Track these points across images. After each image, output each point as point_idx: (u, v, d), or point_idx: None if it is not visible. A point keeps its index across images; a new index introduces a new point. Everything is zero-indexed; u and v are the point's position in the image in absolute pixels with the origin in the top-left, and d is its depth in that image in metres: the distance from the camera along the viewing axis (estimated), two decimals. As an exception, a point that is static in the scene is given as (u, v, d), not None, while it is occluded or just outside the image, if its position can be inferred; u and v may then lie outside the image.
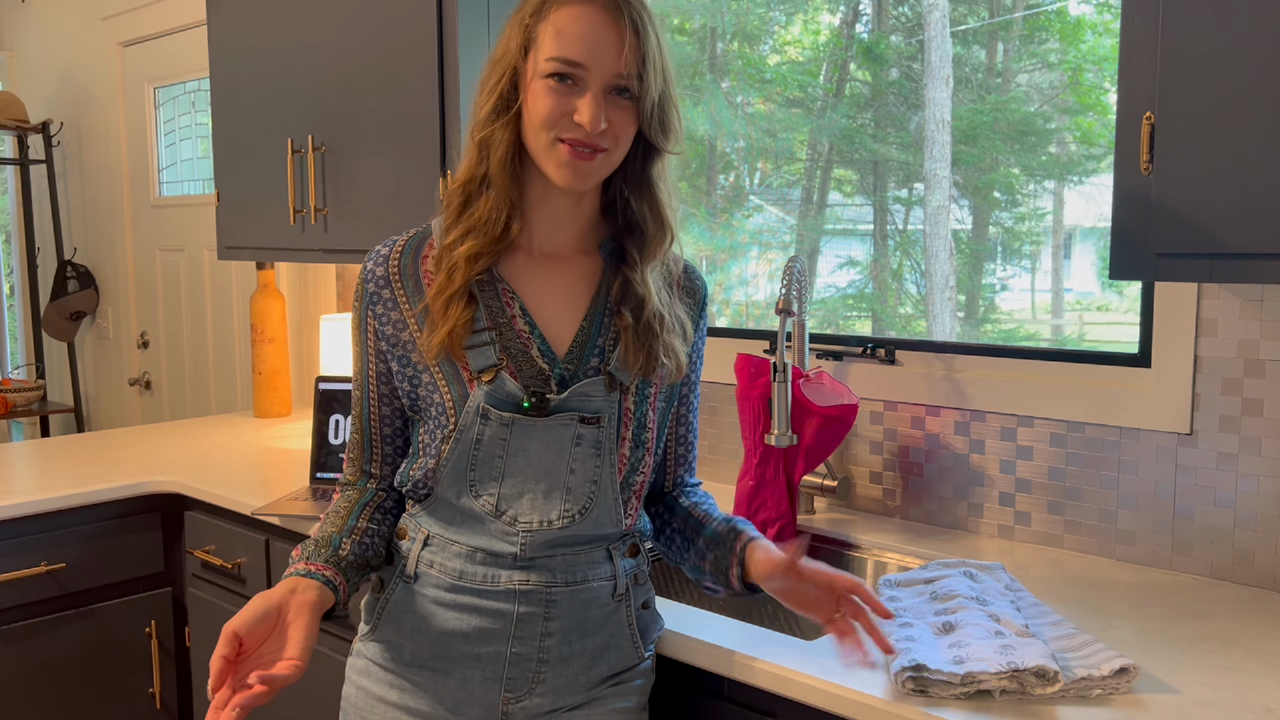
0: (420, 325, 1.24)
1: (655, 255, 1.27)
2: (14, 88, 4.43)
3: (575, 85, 1.16)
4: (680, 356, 1.28)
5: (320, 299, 3.11)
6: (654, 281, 1.27)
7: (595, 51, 1.15)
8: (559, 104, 1.16)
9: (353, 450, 1.34)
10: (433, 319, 1.22)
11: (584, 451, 1.23)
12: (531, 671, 1.24)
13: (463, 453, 1.22)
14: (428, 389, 1.24)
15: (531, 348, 1.23)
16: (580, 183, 1.19)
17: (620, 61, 1.15)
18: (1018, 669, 1.13)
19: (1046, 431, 1.71)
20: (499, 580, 1.23)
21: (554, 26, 1.16)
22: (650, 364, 1.25)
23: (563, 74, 1.16)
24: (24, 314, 4.59)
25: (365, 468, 1.33)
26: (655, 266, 1.28)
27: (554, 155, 1.18)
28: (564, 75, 1.16)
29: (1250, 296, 1.50)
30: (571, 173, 1.18)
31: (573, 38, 1.15)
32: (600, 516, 1.25)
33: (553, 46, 1.16)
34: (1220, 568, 1.55)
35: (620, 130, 1.18)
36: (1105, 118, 1.83)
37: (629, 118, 1.19)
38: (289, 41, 2.42)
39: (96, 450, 2.50)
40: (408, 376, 1.26)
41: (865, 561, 1.77)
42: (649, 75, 1.17)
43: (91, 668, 2.16)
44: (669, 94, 1.21)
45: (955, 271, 2.03)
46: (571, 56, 1.15)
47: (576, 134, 1.16)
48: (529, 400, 1.21)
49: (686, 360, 1.31)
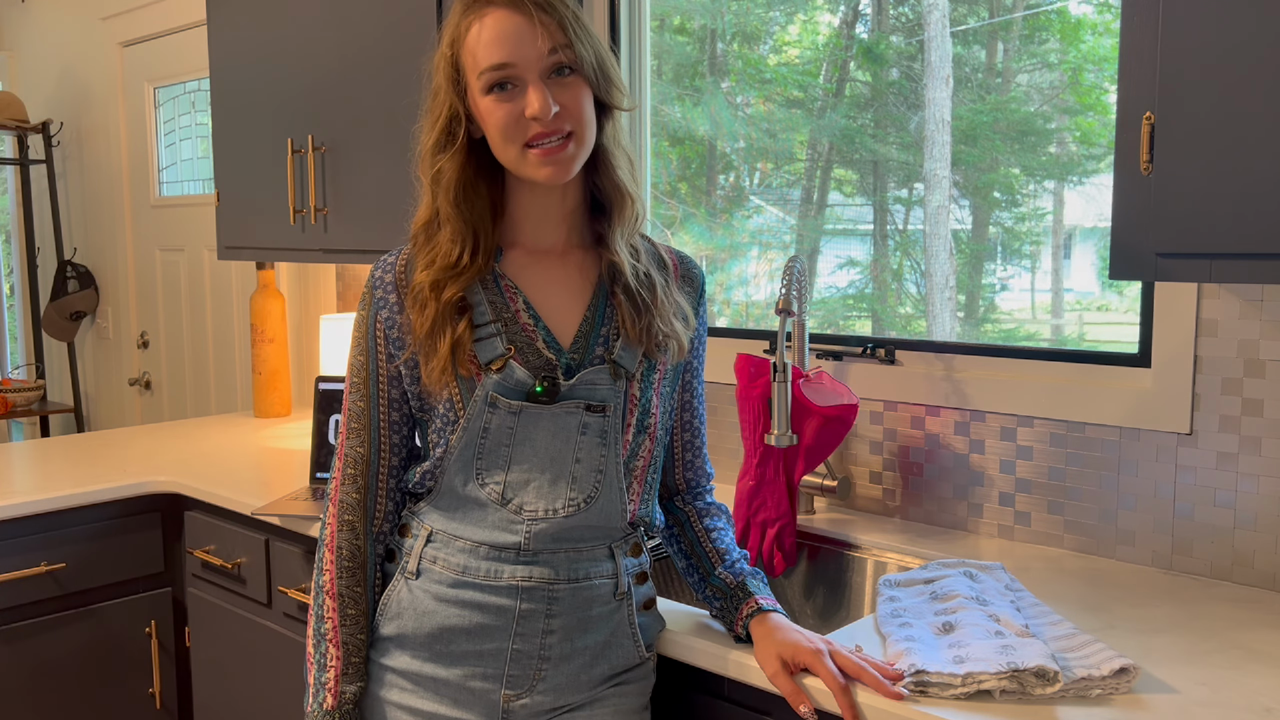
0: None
1: (619, 225, 1.28)
2: (14, 88, 4.43)
3: (516, 87, 1.19)
4: (681, 336, 1.30)
5: (320, 299, 3.11)
6: (629, 252, 1.28)
7: (515, 46, 1.17)
8: (509, 111, 1.18)
9: (354, 464, 1.28)
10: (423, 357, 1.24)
11: (590, 440, 1.24)
12: (533, 669, 1.24)
13: (470, 441, 1.23)
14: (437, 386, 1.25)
15: (537, 339, 1.24)
16: (562, 174, 1.21)
17: (543, 42, 1.17)
18: (1018, 669, 1.13)
19: (1046, 431, 1.71)
20: (502, 575, 1.23)
21: (473, 45, 1.20)
22: (651, 338, 1.26)
23: (499, 82, 1.18)
24: (24, 314, 4.59)
25: (371, 483, 1.29)
26: (624, 238, 1.29)
27: (528, 163, 1.20)
28: (501, 83, 1.18)
29: (1250, 296, 1.50)
30: (551, 169, 1.20)
31: (491, 44, 1.18)
32: (605, 505, 1.25)
33: (477, 62, 1.19)
34: (1220, 568, 1.55)
35: (575, 107, 1.20)
36: (1105, 118, 1.83)
37: (578, 91, 1.20)
38: (289, 41, 2.42)
39: (96, 450, 2.50)
40: (417, 378, 1.26)
41: (865, 561, 1.77)
42: (576, 42, 1.19)
43: (91, 668, 2.16)
44: (602, 51, 1.23)
45: (955, 271, 2.02)
46: (497, 60, 1.18)
47: (535, 129, 1.18)
48: (541, 385, 1.22)
49: (688, 342, 1.32)
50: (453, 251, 1.23)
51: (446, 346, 1.21)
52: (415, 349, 1.25)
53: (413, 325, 1.24)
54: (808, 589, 1.85)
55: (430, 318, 1.22)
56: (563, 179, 1.22)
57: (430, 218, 1.26)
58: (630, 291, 1.27)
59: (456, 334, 1.21)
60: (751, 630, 1.27)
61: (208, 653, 2.19)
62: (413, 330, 1.24)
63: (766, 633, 1.25)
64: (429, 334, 1.22)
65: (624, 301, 1.26)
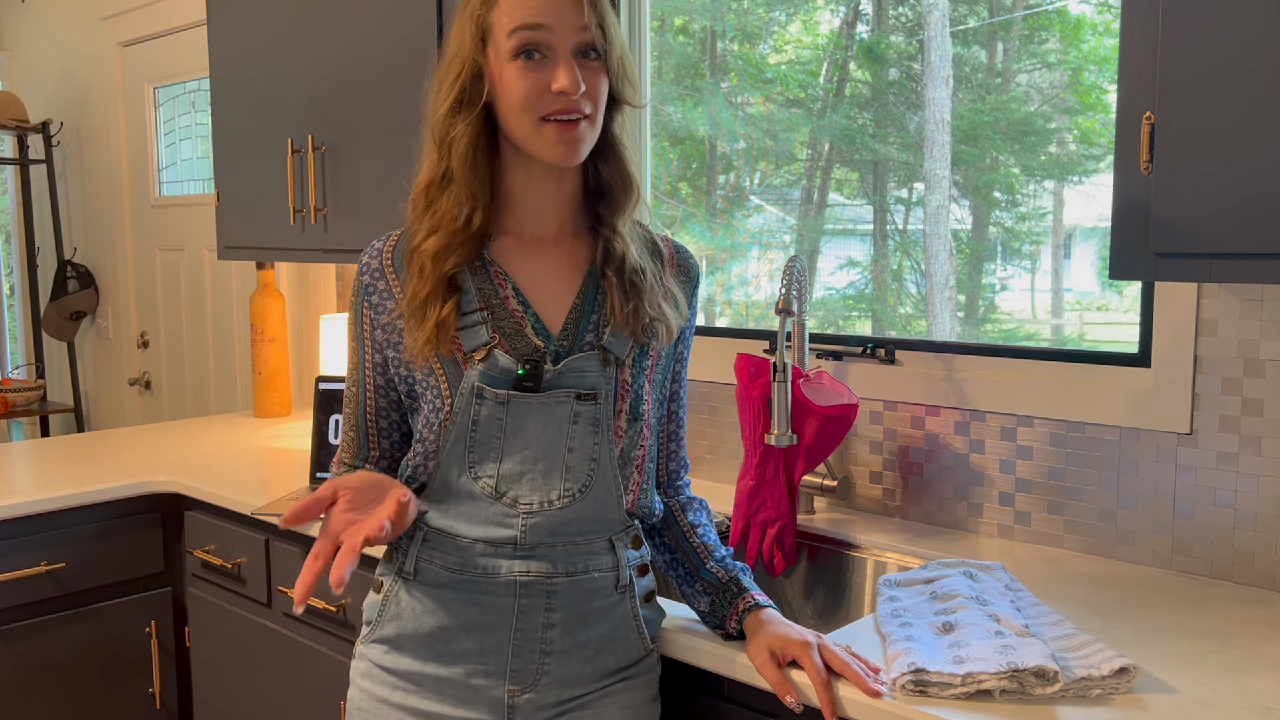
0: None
1: (624, 211, 1.27)
2: (14, 88, 4.43)
3: (544, 57, 1.17)
4: (670, 320, 1.28)
5: (320, 299, 3.11)
6: (629, 236, 1.28)
7: (556, 11, 1.16)
8: (534, 81, 1.16)
9: (347, 448, 1.33)
10: (411, 323, 1.22)
11: (581, 429, 1.23)
12: (535, 663, 1.24)
13: (460, 434, 1.22)
14: (424, 374, 1.24)
15: (525, 326, 1.23)
16: (574, 155, 1.20)
17: (582, 17, 1.16)
18: (1018, 669, 1.13)
19: (1046, 431, 1.71)
20: (499, 571, 1.23)
21: (508, 4, 1.17)
22: (639, 323, 1.25)
23: (530, 46, 1.16)
24: (24, 314, 4.59)
25: (358, 465, 1.32)
26: (626, 223, 1.28)
27: (542, 138, 1.18)
28: (531, 49, 1.16)
29: (1250, 296, 1.50)
30: (565, 148, 1.19)
31: (530, 4, 1.16)
32: (600, 495, 1.25)
33: (511, 20, 1.16)
34: (1220, 568, 1.55)
35: (596, 91, 1.19)
36: (1105, 118, 1.83)
37: (599, 77, 1.20)
38: (289, 41, 2.42)
39: (96, 450, 2.50)
40: (404, 362, 1.26)
41: (865, 561, 1.77)
42: (609, 29, 1.19)
43: (91, 668, 2.16)
44: (625, 45, 1.23)
45: (955, 271, 2.03)
46: (534, 20, 1.15)
47: (558, 104, 1.17)
48: (524, 368, 1.21)
49: (677, 328, 1.31)
50: (460, 214, 1.21)
51: (434, 320, 1.20)
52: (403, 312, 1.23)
53: (407, 291, 1.23)
54: (808, 589, 1.85)
55: (428, 286, 1.21)
56: (572, 162, 1.21)
57: (434, 179, 1.24)
58: (622, 274, 1.26)
59: (443, 314, 1.20)
60: (745, 626, 1.27)
61: (208, 653, 2.19)
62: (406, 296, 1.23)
63: (759, 627, 1.25)
64: (422, 302, 1.21)
65: (614, 284, 1.25)
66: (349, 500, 1.09)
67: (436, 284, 1.21)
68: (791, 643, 1.21)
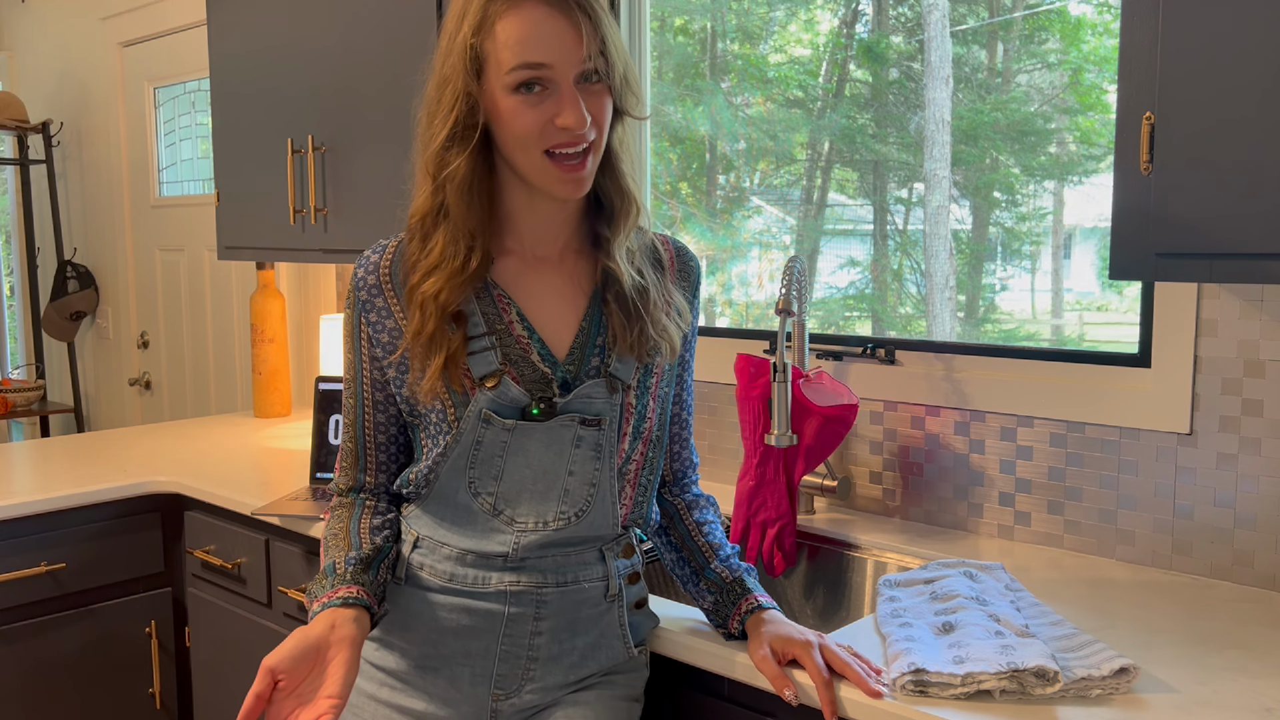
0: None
1: (622, 228, 1.24)
2: (14, 88, 4.43)
3: (545, 89, 1.12)
4: (674, 337, 1.26)
5: (320, 299, 3.11)
6: (628, 258, 1.24)
7: (557, 47, 1.11)
8: (537, 115, 1.12)
9: (345, 458, 1.32)
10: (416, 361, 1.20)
11: (584, 454, 1.22)
12: (521, 669, 1.24)
13: (463, 452, 1.22)
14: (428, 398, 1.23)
15: (531, 353, 1.22)
16: (580, 191, 1.18)
17: (583, 48, 1.12)
18: (1018, 669, 1.13)
19: (1046, 431, 1.71)
20: (489, 582, 1.23)
21: (505, 37, 1.11)
22: (643, 345, 1.23)
23: (530, 81, 1.11)
24: (24, 314, 4.59)
25: (359, 476, 1.31)
26: (624, 240, 1.24)
27: (549, 175, 1.15)
28: (532, 83, 1.12)
29: (1250, 296, 1.50)
30: (572, 185, 1.16)
31: (529, 41, 1.11)
32: (596, 520, 1.24)
33: (512, 56, 1.11)
34: (1220, 568, 1.55)
35: (600, 117, 1.16)
36: (1105, 118, 1.83)
37: (603, 99, 1.16)
38: (289, 41, 2.42)
39: (96, 450, 2.50)
40: (407, 384, 1.24)
41: (865, 561, 1.77)
42: (611, 52, 1.14)
43: (91, 668, 2.16)
44: (628, 58, 1.18)
45: (955, 271, 2.02)
46: (535, 59, 1.11)
47: (562, 137, 1.13)
48: (538, 407, 1.20)
49: (680, 341, 1.29)
50: (458, 254, 1.18)
51: (441, 360, 1.17)
52: (406, 350, 1.21)
53: (409, 328, 1.20)
54: (808, 589, 1.85)
55: (431, 329, 1.18)
56: (578, 195, 1.18)
57: (430, 211, 1.20)
58: (623, 298, 1.23)
59: (452, 348, 1.18)
60: (747, 627, 1.27)
61: (208, 653, 2.19)
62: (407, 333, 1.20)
63: (761, 627, 1.25)
64: (426, 344, 1.18)
65: (616, 310, 1.23)
66: (283, 686, 1.07)
67: (440, 321, 1.18)
68: (793, 642, 1.21)
